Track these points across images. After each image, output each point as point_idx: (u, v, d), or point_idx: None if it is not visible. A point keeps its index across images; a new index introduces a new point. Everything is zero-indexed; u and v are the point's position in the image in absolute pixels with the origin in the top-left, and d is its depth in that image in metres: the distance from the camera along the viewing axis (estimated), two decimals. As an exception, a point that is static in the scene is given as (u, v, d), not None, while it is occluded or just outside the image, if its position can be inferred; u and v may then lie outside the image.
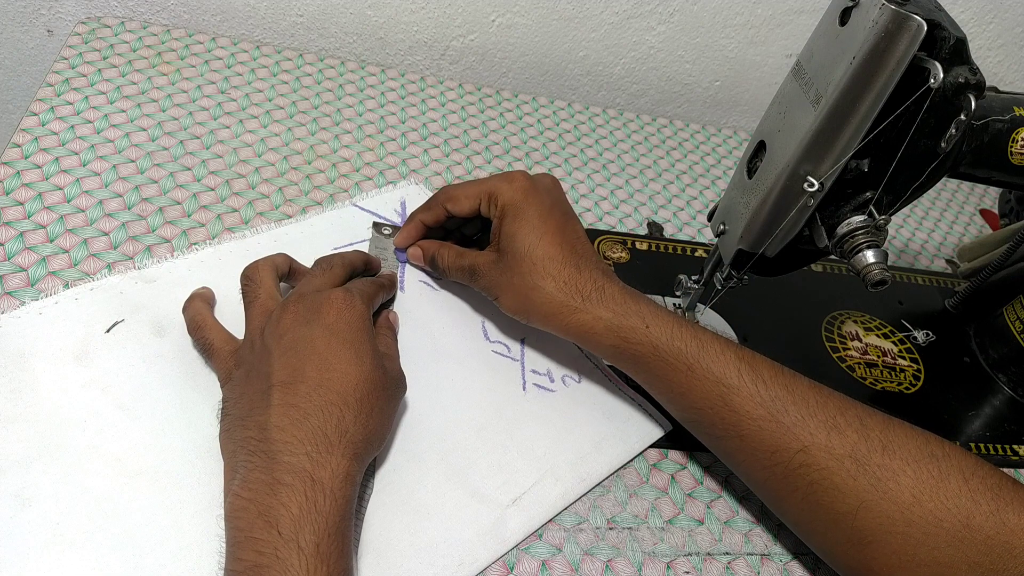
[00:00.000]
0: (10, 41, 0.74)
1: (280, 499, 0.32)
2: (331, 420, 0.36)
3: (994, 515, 0.36)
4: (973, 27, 0.85)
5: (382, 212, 0.56)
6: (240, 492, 0.34)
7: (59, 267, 0.46)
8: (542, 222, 0.46)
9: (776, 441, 0.40)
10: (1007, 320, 0.61)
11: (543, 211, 0.46)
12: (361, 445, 0.37)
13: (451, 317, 0.51)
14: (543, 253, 0.45)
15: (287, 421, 0.35)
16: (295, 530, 0.32)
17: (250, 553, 0.31)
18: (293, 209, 0.55)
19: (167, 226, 0.51)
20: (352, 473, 0.35)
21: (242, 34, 0.73)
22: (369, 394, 0.38)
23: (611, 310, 0.43)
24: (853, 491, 0.38)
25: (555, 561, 0.42)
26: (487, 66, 0.79)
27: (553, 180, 0.50)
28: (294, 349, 0.38)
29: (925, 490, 0.37)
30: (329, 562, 0.32)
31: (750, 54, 0.83)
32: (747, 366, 0.41)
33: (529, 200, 0.46)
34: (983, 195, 0.86)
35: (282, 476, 0.33)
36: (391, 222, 0.55)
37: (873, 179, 0.41)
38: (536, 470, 0.44)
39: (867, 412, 0.41)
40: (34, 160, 0.52)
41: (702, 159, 0.76)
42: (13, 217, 0.48)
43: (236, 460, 0.36)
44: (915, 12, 0.35)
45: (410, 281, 0.52)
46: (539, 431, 0.46)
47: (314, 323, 0.39)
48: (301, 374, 0.37)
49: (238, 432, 0.36)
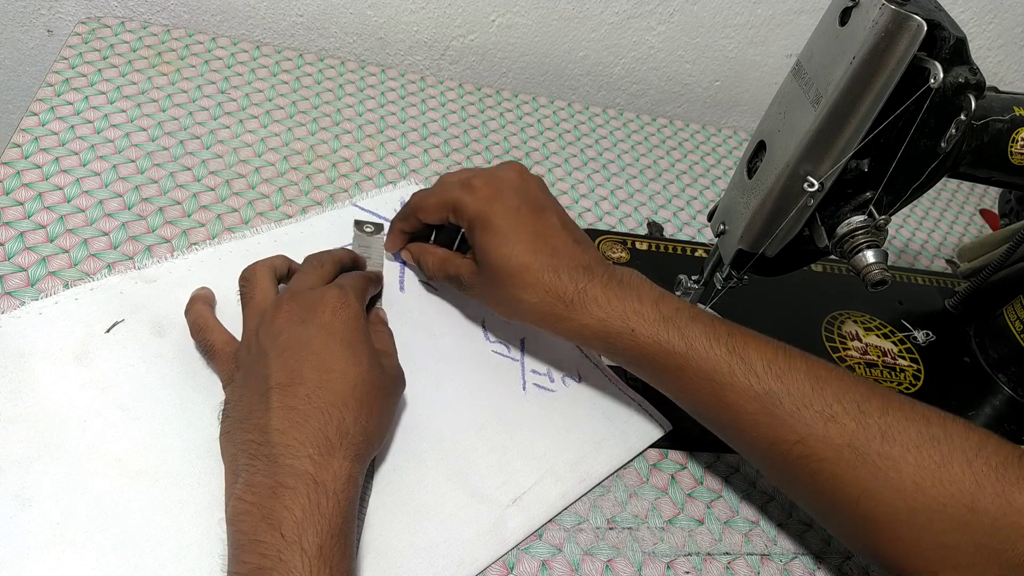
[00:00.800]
0: (10, 41, 0.74)
1: (283, 502, 0.32)
2: (331, 422, 0.36)
3: (1000, 496, 0.36)
4: (973, 27, 0.85)
5: (382, 212, 0.56)
6: (243, 496, 0.34)
7: (59, 267, 0.46)
8: (511, 230, 0.44)
9: (773, 434, 0.40)
10: (1007, 320, 0.61)
11: (510, 217, 0.44)
12: (362, 446, 0.37)
13: (451, 317, 0.51)
14: (518, 263, 0.43)
15: (287, 424, 0.35)
16: (298, 533, 0.32)
17: (254, 556, 0.31)
18: (293, 209, 0.55)
19: (167, 226, 0.51)
20: (354, 474, 0.35)
21: (242, 34, 0.73)
22: (368, 394, 0.38)
23: (594, 316, 0.42)
24: (853, 481, 0.38)
25: (555, 561, 0.42)
26: (487, 66, 0.79)
27: (518, 172, 0.47)
28: (291, 350, 0.38)
29: (927, 476, 0.37)
30: (332, 564, 0.32)
31: (750, 54, 0.83)
32: (738, 359, 0.40)
33: (494, 208, 0.44)
34: (983, 195, 0.86)
35: (285, 479, 0.33)
36: (377, 220, 0.55)
37: (873, 179, 0.41)
38: (536, 470, 0.44)
39: (865, 395, 0.39)
40: (34, 160, 0.52)
41: (702, 159, 0.76)
42: (13, 217, 0.48)
43: (237, 463, 0.36)
44: (915, 12, 0.35)
45: (410, 282, 0.52)
46: (539, 431, 0.46)
47: (309, 322, 0.39)
48: (299, 375, 0.37)
49: (238, 435, 0.36)
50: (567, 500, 0.44)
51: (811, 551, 0.46)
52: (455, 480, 0.43)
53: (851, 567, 0.46)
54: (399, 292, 0.51)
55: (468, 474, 0.43)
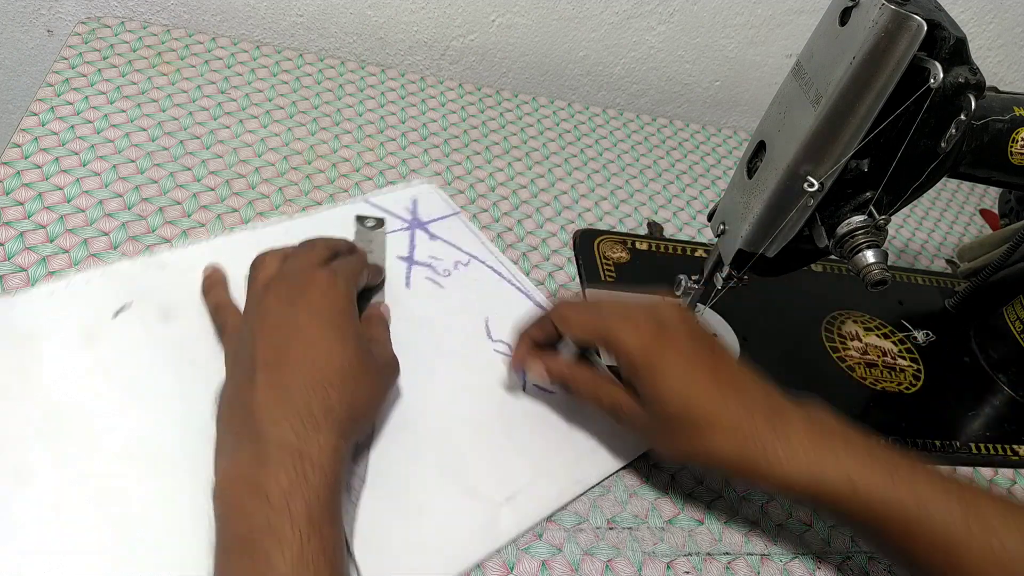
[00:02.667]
0: (10, 41, 0.74)
1: (269, 471, 0.32)
2: (315, 398, 0.35)
3: None
4: (973, 27, 0.85)
5: (394, 209, 0.57)
6: (228, 469, 0.34)
7: (59, 267, 0.46)
8: (687, 373, 0.39)
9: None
10: (1007, 320, 0.61)
11: (683, 360, 0.39)
12: (347, 423, 0.37)
13: (455, 315, 0.51)
14: (704, 411, 0.38)
15: (271, 400, 0.35)
16: (285, 500, 0.32)
17: (241, 525, 0.31)
18: (293, 209, 0.55)
19: (167, 226, 0.51)
20: (340, 449, 0.35)
21: (242, 34, 0.73)
22: (355, 375, 0.38)
23: (800, 467, 0.37)
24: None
25: (555, 561, 0.42)
26: (487, 66, 0.79)
27: (679, 310, 0.42)
28: (278, 329, 0.38)
29: None
30: (322, 532, 0.32)
31: (750, 54, 0.83)
32: (974, 516, 0.35)
33: (664, 351, 0.40)
34: (983, 195, 0.86)
35: (270, 451, 0.33)
36: (384, 214, 0.56)
37: (873, 179, 0.41)
38: (532, 469, 0.44)
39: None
40: (34, 160, 0.52)
41: (702, 159, 0.76)
42: (13, 217, 0.48)
43: (224, 440, 0.36)
44: (915, 12, 0.35)
45: (416, 279, 0.52)
46: (537, 431, 0.46)
47: (297, 303, 0.39)
48: (285, 354, 0.37)
49: (226, 413, 0.37)
50: (562, 500, 0.44)
51: (811, 551, 0.46)
52: (450, 476, 0.43)
53: (851, 567, 0.46)
54: (404, 288, 0.51)
55: (463, 471, 0.43)
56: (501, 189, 0.63)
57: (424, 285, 0.52)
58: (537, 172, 0.66)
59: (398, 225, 0.56)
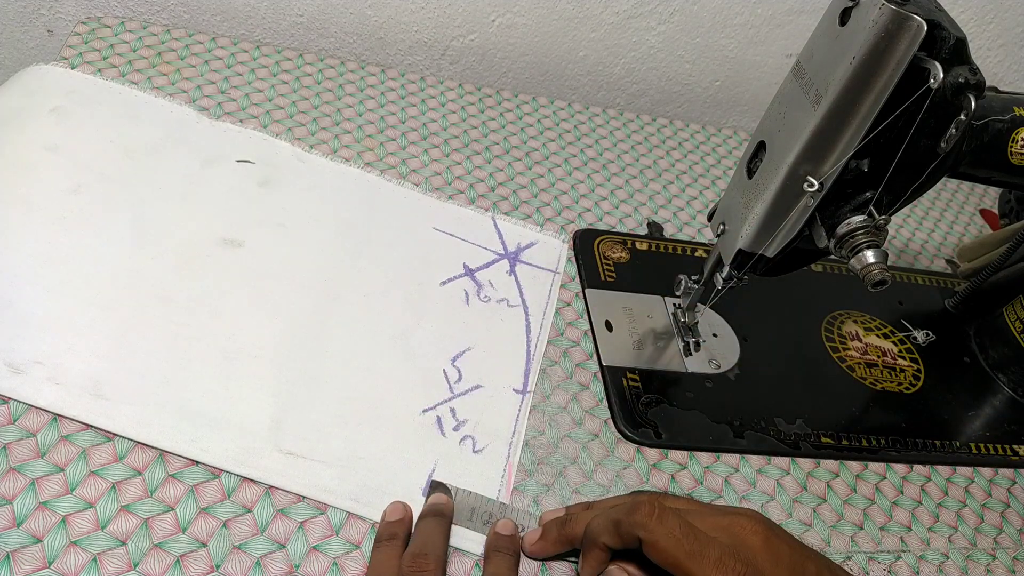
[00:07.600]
0: (10, 41, 0.74)
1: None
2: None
3: None
4: (973, 27, 0.85)
5: (507, 237, 0.58)
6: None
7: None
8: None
9: None
10: (1007, 320, 0.61)
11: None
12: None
13: (454, 329, 0.51)
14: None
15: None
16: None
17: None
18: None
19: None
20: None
21: (242, 34, 0.73)
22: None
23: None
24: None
25: (555, 561, 0.42)
26: (487, 66, 0.79)
27: (764, 536, 0.35)
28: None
29: None
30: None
31: (750, 54, 0.83)
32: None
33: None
34: (983, 195, 0.86)
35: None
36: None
37: (873, 179, 0.41)
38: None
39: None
40: (34, 160, 0.52)
41: (702, 159, 0.76)
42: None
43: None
44: (915, 12, 0.35)
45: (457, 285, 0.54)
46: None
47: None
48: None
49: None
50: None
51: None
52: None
53: (851, 567, 0.46)
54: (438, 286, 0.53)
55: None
56: (501, 189, 0.63)
57: (457, 292, 0.53)
58: (537, 172, 0.66)
59: (495, 248, 0.57)
